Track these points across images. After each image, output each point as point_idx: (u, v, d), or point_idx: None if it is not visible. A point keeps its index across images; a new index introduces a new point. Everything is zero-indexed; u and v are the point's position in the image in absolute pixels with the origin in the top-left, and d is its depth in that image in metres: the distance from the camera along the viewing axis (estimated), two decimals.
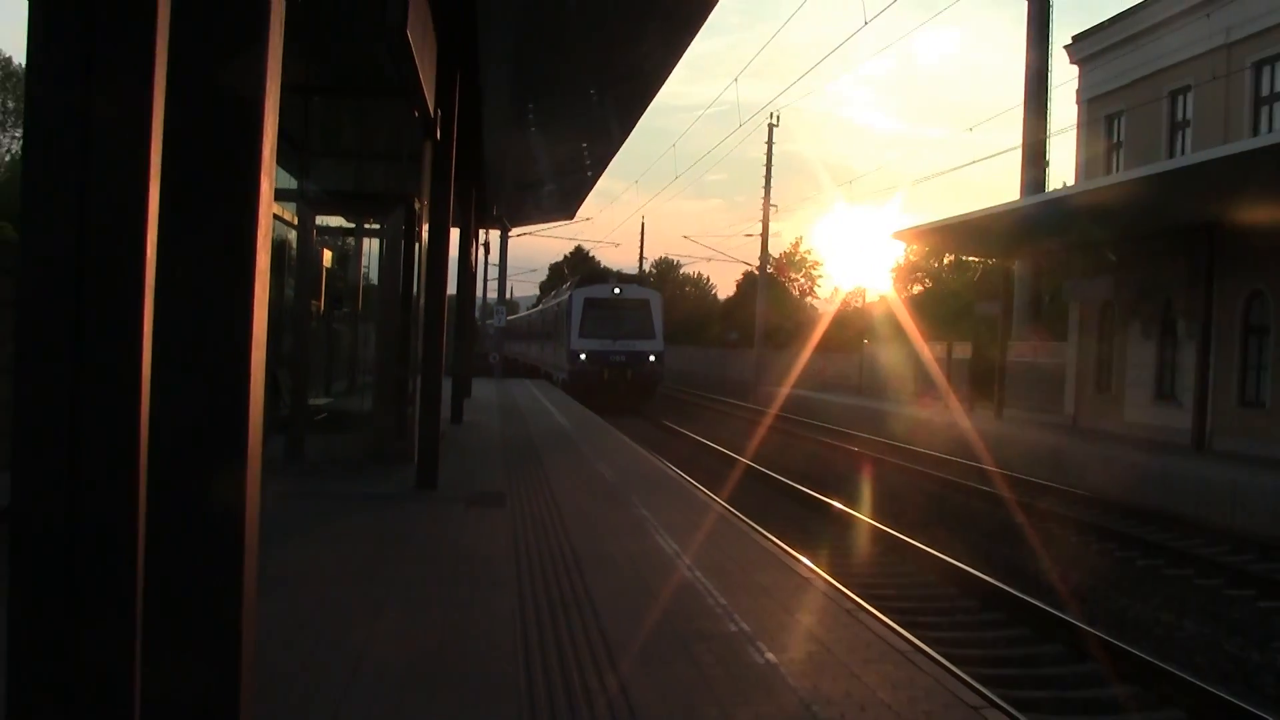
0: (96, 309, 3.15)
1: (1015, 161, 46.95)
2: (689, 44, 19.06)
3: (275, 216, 17.82)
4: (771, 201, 64.21)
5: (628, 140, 30.05)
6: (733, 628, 9.01)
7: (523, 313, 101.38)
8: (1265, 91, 28.56)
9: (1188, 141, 31.34)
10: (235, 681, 3.61)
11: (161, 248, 3.20)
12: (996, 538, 19.03)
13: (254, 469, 3.50)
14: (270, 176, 3.45)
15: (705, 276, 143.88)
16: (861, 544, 18.00)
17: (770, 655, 8.21)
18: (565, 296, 54.07)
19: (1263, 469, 22.70)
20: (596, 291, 51.36)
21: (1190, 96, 31.30)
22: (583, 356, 49.01)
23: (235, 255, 3.36)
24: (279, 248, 18.95)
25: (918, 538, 17.64)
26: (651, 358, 49.86)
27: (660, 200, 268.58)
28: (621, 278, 55.97)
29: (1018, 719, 7.87)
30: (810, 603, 10.18)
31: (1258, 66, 28.61)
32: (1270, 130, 27.48)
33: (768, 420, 39.69)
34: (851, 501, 21.79)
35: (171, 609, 3.46)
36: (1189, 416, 27.25)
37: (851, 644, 8.68)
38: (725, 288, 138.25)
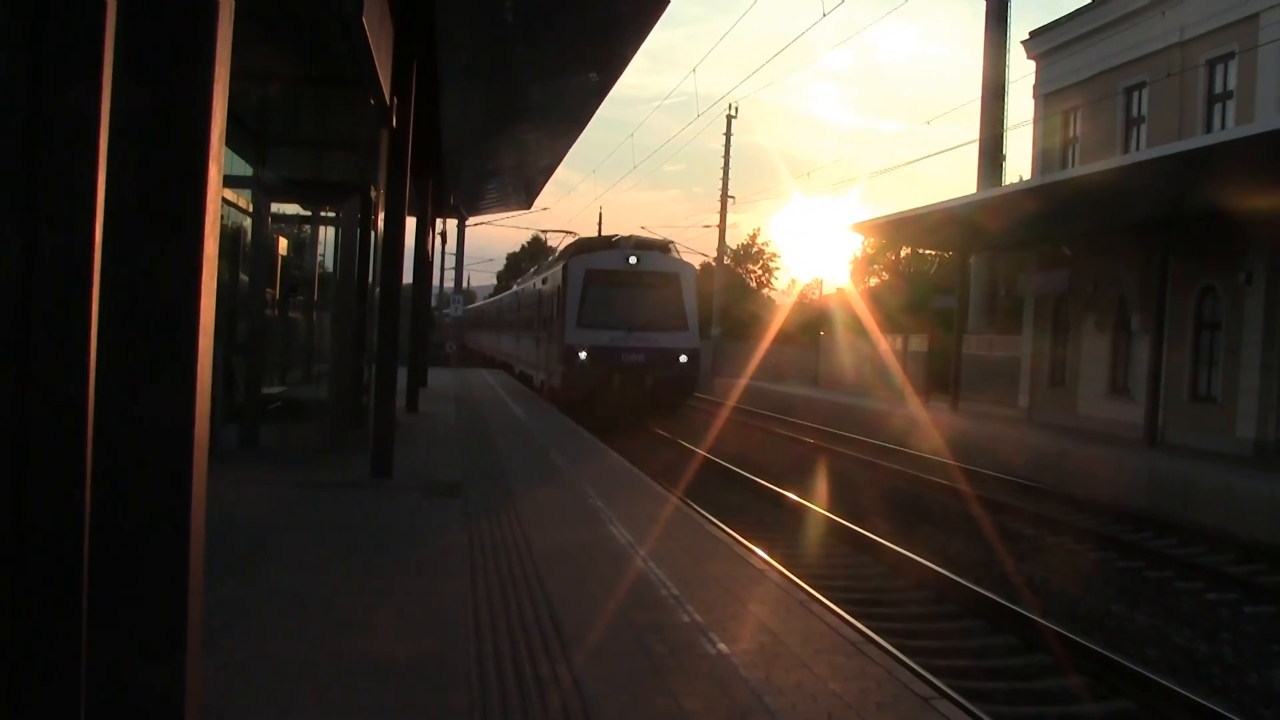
0: (44, 300, 3.13)
1: (973, 155, 47.12)
2: (648, 32, 19.09)
3: (230, 204, 17.74)
4: (730, 193, 64.37)
5: (585, 130, 30.10)
6: (685, 618, 9.04)
7: (491, 297, 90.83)
8: (1218, 89, 28.78)
9: (1143, 137, 31.56)
10: (182, 672, 3.59)
11: (108, 233, 3.18)
12: (943, 527, 19.15)
13: (201, 459, 3.48)
14: (218, 162, 3.43)
15: None
16: (813, 534, 18.07)
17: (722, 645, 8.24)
18: (556, 268, 37.96)
19: (1212, 462, 22.89)
20: (603, 260, 35.51)
21: (1145, 93, 31.51)
22: (582, 355, 33.75)
23: (183, 241, 3.34)
24: (234, 235, 18.84)
25: (865, 527, 17.75)
26: (683, 358, 34.67)
27: (618, 191, 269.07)
28: (638, 242, 37.39)
29: (968, 709, 7.92)
30: (763, 594, 10.21)
31: (1211, 64, 28.83)
32: (1223, 128, 27.68)
33: (723, 413, 39.64)
34: (806, 494, 21.84)
35: (117, 601, 3.44)
36: (1142, 410, 27.45)
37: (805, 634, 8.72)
38: None
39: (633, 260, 35.28)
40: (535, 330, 42.29)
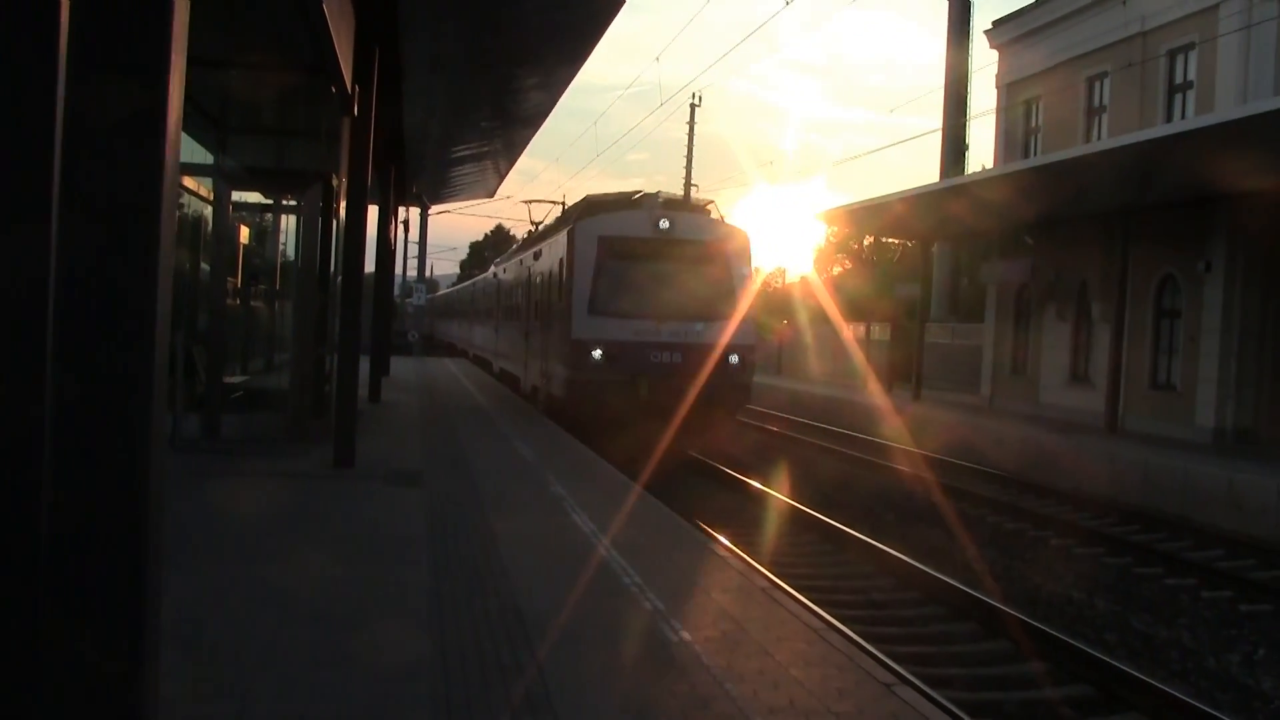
0: None
1: (936, 144, 47.29)
2: (611, 19, 19.07)
3: (191, 192, 17.63)
4: (693, 181, 64.27)
5: (548, 119, 30.02)
6: (647, 605, 9.05)
7: (461, 281, 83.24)
8: (1179, 79, 28.96)
9: (1104, 127, 31.71)
10: (140, 662, 3.57)
11: (63, 221, 3.16)
12: (904, 513, 19.27)
13: (159, 447, 3.46)
14: (175, 150, 3.41)
15: None
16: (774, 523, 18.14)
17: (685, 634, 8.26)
18: (557, 236, 28.06)
19: (1172, 450, 23.05)
20: (624, 224, 25.46)
21: (1107, 82, 31.66)
22: (596, 354, 24.04)
23: (139, 230, 3.32)
24: (195, 224, 18.72)
25: (828, 514, 17.86)
26: (734, 358, 24.36)
27: (581, 179, 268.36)
28: (669, 202, 27.42)
29: (930, 695, 7.97)
30: (726, 581, 10.24)
31: (1171, 55, 29.00)
32: (1184, 117, 27.85)
33: None
34: (769, 481, 21.90)
35: (75, 590, 3.43)
36: (1102, 398, 27.60)
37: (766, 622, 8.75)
38: None
39: (664, 224, 24.67)
40: (525, 319, 32.08)
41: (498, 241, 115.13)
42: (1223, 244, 25.60)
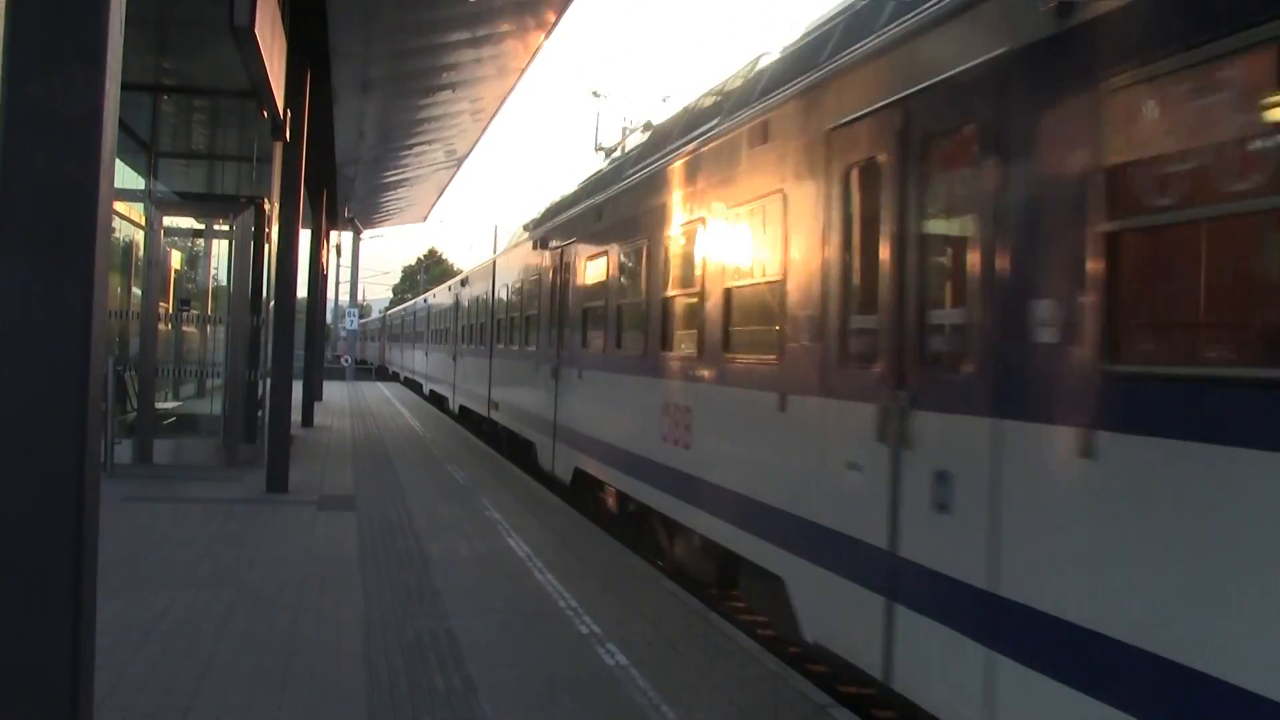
0: None
1: None
2: (537, 50, 19.23)
3: (122, 217, 17.55)
4: None
5: (480, 142, 30.11)
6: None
7: (413, 298, 69.77)
8: None
9: None
10: (75, 686, 3.59)
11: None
12: None
13: (93, 471, 3.49)
14: (109, 177, 3.45)
15: None
16: None
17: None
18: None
19: None
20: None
21: None
22: None
23: (74, 256, 3.35)
24: (126, 249, 18.63)
25: None
26: None
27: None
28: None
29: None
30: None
31: None
32: None
33: None
34: None
35: (10, 614, 3.45)
36: None
37: None
38: None
39: None
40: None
41: (429, 265, 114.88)
42: None
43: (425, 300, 50.16)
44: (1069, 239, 5.26)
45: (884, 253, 7.10)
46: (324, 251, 35.77)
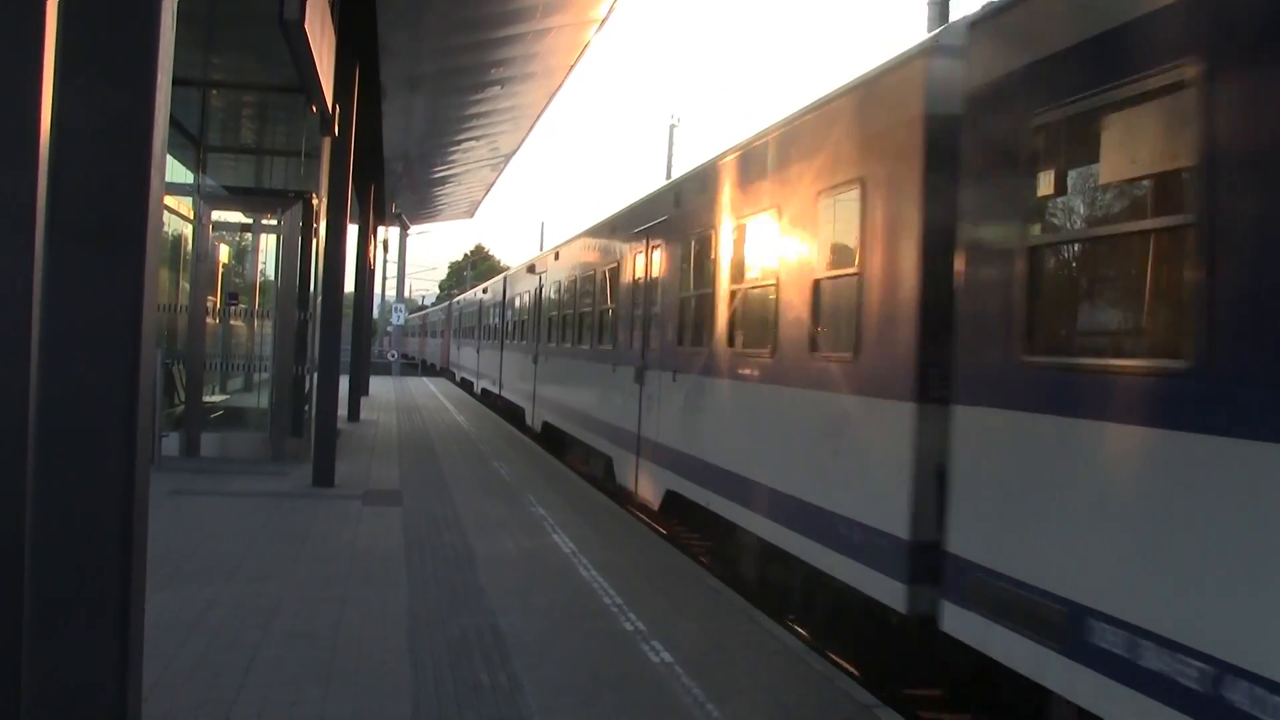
0: None
1: None
2: (584, 49, 19.21)
3: (171, 211, 17.65)
4: None
5: (529, 139, 30.13)
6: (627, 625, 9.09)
7: (472, 287, 62.30)
8: None
9: None
10: (123, 678, 3.60)
11: (50, 241, 3.19)
12: None
13: (143, 466, 3.50)
14: (161, 171, 3.45)
15: None
16: None
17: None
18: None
19: None
20: None
21: None
22: None
23: (125, 249, 3.35)
24: (175, 243, 18.75)
25: None
26: None
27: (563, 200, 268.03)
28: None
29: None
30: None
31: None
32: None
33: None
34: None
35: (58, 604, 3.45)
36: None
37: None
38: None
39: None
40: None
41: (476, 261, 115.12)
42: None
43: (488, 291, 40.90)
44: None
45: None
46: (371, 247, 35.87)
